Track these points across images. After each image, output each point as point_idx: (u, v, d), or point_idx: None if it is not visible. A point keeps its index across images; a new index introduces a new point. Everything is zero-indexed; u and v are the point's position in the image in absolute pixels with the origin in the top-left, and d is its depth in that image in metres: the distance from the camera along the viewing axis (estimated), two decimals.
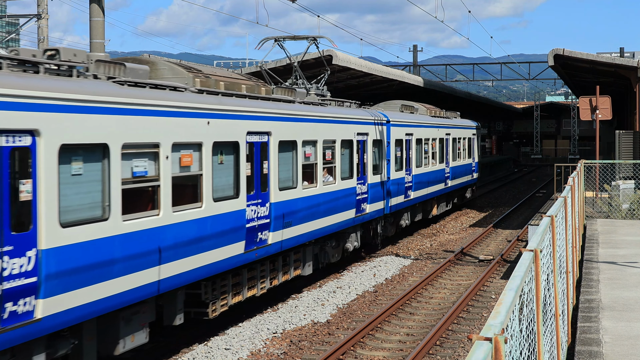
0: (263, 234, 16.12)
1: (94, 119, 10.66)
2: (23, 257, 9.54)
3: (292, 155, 17.82)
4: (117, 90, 11.29)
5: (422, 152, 30.05)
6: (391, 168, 25.55)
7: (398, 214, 27.34)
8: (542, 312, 6.40)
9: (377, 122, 24.25)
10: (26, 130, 9.49)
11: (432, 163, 31.59)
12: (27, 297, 9.57)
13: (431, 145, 31.52)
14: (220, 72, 16.56)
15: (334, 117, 20.66)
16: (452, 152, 35.48)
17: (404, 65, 65.81)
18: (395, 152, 26.35)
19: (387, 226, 26.33)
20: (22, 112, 9.46)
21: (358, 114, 22.67)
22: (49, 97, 9.86)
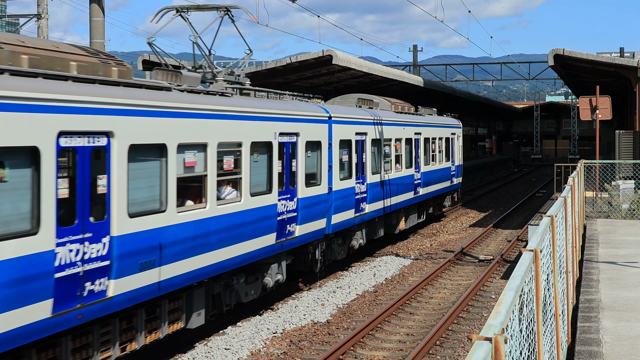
0: (96, 284, 10.98)
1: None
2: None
3: (159, 165, 12.54)
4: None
5: (381, 155, 24.95)
6: (334, 176, 20.57)
7: (347, 233, 22.39)
8: (542, 312, 6.40)
9: (311, 119, 19.02)
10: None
11: (396, 168, 26.72)
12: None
13: (394, 146, 26.56)
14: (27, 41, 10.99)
15: (239, 112, 15.26)
16: (425, 154, 30.71)
17: (404, 65, 65.83)
18: (340, 156, 21.20)
19: (333, 249, 21.42)
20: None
21: (281, 108, 17.27)
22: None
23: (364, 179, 23.15)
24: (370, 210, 23.51)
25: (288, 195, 17.50)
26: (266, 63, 34.36)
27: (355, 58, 34.64)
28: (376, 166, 24.54)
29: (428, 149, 31.22)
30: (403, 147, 27.63)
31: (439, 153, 33.17)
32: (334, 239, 21.24)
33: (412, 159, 28.93)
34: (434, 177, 32.08)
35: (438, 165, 32.86)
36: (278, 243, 16.91)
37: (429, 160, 31.32)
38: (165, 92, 13.03)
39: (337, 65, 32.64)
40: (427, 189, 30.70)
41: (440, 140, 33.47)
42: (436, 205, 33.88)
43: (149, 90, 12.65)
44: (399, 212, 27.46)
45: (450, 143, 35.47)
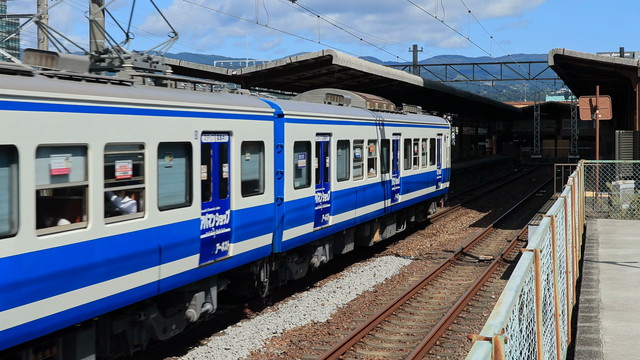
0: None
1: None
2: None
3: (7, 174, 9.61)
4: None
5: (350, 158, 21.80)
6: (286, 184, 17.60)
7: (306, 249, 19.35)
8: (542, 312, 6.40)
9: (250, 115, 15.84)
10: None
11: (369, 173, 23.47)
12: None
13: (367, 149, 23.26)
14: None
15: (141, 105, 12.29)
16: (405, 157, 27.68)
17: (404, 65, 65.83)
18: (295, 160, 18.23)
19: (288, 268, 18.59)
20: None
21: (205, 101, 14.15)
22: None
23: (327, 186, 20.05)
24: (336, 222, 20.46)
25: (217, 208, 14.34)
26: (266, 63, 34.37)
27: (355, 58, 34.64)
28: (344, 172, 21.47)
29: (409, 151, 28.25)
30: (378, 149, 24.30)
31: (422, 156, 30.02)
32: (288, 256, 18.23)
33: (390, 162, 25.65)
34: (417, 183, 29.11)
35: (421, 169, 29.82)
36: (203, 267, 13.80)
37: (410, 164, 28.31)
38: (22, 78, 10.10)
39: (337, 65, 32.64)
40: (407, 196, 27.70)
41: (424, 141, 30.42)
42: (420, 212, 31.00)
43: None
44: (373, 223, 24.39)
45: (436, 145, 32.37)
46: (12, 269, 9.49)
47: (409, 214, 29.31)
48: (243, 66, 46.92)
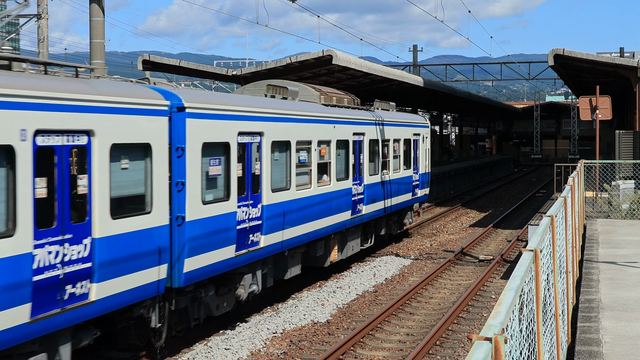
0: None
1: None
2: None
3: None
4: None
5: (291, 164, 17.83)
6: (189, 198, 13.53)
7: (228, 279, 15.48)
8: (542, 312, 6.40)
9: (124, 109, 12.06)
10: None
11: (320, 181, 19.71)
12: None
13: (318, 151, 19.50)
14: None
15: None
16: (371, 161, 23.85)
17: (404, 65, 65.84)
18: (205, 168, 14.16)
19: (200, 304, 14.63)
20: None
21: (42, 88, 10.39)
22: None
23: (256, 199, 16.02)
24: (271, 242, 16.51)
25: (67, 237, 10.64)
26: (266, 63, 34.36)
27: (355, 58, 34.63)
28: (283, 180, 17.49)
29: (377, 153, 24.29)
30: (333, 152, 20.37)
31: (394, 159, 26.19)
32: (201, 289, 14.34)
33: (350, 167, 21.59)
34: (387, 190, 25.13)
35: (393, 175, 25.84)
36: (41, 319, 10.07)
37: (378, 169, 24.33)
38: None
39: (337, 65, 32.62)
40: (374, 206, 23.72)
41: (397, 142, 26.59)
42: (393, 224, 27.20)
43: None
44: (329, 240, 20.57)
45: (412, 146, 28.51)
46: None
47: (378, 226, 25.36)
48: (243, 66, 46.93)
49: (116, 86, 12.24)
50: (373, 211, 23.69)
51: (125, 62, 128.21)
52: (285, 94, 19.20)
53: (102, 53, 21.17)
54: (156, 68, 35.06)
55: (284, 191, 17.35)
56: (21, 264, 9.77)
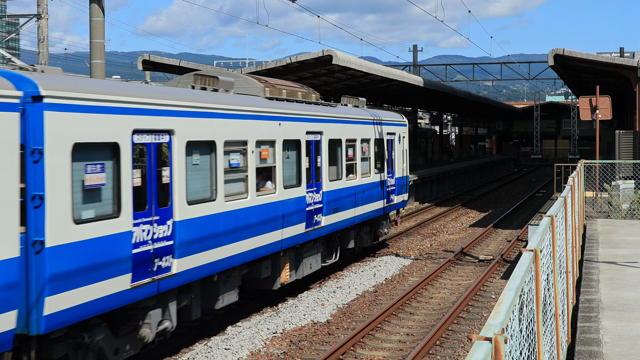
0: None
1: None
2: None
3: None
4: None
5: (217, 169, 14.36)
6: (49, 218, 10.29)
7: (129, 317, 12.34)
8: (542, 312, 6.40)
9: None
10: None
11: (262, 190, 16.40)
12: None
13: (257, 154, 16.12)
14: None
15: None
16: (333, 164, 20.78)
17: (404, 65, 65.86)
18: (79, 176, 10.95)
19: (81, 355, 11.22)
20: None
21: None
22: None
23: (165, 214, 12.64)
24: (189, 266, 13.22)
25: None
26: (266, 63, 34.38)
27: (355, 58, 34.64)
28: (206, 189, 14.14)
29: (339, 156, 21.14)
30: (279, 154, 17.13)
31: (363, 162, 23.08)
32: (87, 333, 11.15)
33: (303, 172, 18.48)
34: (354, 197, 21.98)
35: (362, 179, 22.83)
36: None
37: (341, 173, 21.14)
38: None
39: (337, 65, 32.64)
40: (338, 216, 20.58)
41: (366, 142, 23.44)
42: (364, 235, 24.08)
43: None
44: (277, 258, 17.45)
45: (386, 147, 25.38)
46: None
47: (345, 239, 22.32)
48: (243, 66, 46.88)
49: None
50: (336, 222, 20.46)
51: (125, 62, 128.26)
52: (216, 85, 15.75)
53: (102, 53, 21.18)
54: (156, 68, 35.08)
55: (206, 203, 13.90)
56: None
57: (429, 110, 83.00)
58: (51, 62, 78.35)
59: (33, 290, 10.04)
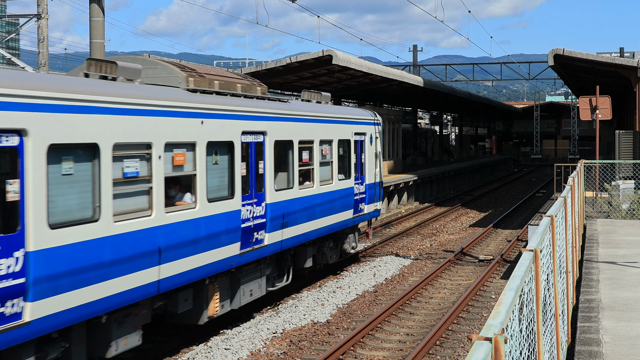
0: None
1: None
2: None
3: None
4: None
5: (101, 180, 11.14)
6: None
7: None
8: (542, 312, 6.40)
9: None
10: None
11: (179, 203, 13.46)
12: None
13: (166, 160, 12.80)
14: None
15: None
16: (282, 170, 17.72)
17: (404, 65, 65.87)
18: None
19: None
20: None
21: None
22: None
23: (13, 242, 9.55)
24: (52, 310, 10.02)
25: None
26: (266, 63, 34.39)
27: (355, 58, 34.65)
28: (88, 207, 10.97)
29: (290, 160, 17.91)
30: (201, 159, 13.78)
31: (322, 167, 19.63)
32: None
33: (238, 180, 15.07)
34: (310, 209, 18.75)
35: (321, 188, 19.40)
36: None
37: (293, 180, 17.91)
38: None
39: (337, 65, 32.64)
40: (287, 232, 17.32)
41: (328, 144, 20.05)
42: (327, 250, 20.70)
43: None
44: (203, 287, 14.21)
45: (352, 149, 21.75)
46: None
47: (300, 258, 19.19)
48: (243, 66, 46.88)
49: None
50: (286, 239, 17.21)
51: None
52: (115, 73, 12.41)
53: (102, 53, 21.19)
54: None
55: (85, 225, 10.70)
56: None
57: (429, 110, 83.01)
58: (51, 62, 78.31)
59: None
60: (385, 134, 47.04)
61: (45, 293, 9.87)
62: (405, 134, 62.12)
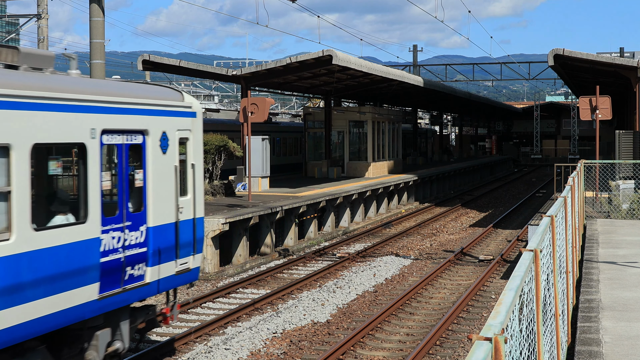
0: None
1: None
2: None
3: None
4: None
5: None
6: None
7: None
8: (542, 312, 6.40)
9: None
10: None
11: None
12: None
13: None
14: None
15: None
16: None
17: (404, 65, 65.86)
18: None
19: None
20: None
21: None
22: None
23: None
24: None
25: None
26: (266, 63, 34.37)
27: (355, 58, 34.64)
28: None
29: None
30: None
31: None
32: None
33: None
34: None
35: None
36: None
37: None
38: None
39: (337, 65, 32.63)
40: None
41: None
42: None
43: None
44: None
45: (105, 162, 11.53)
46: None
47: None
48: (243, 66, 46.84)
49: None
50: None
51: (125, 62, 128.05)
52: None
53: (102, 53, 21.18)
54: (156, 68, 35.07)
55: None
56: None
57: (429, 110, 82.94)
58: None
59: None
60: (385, 133, 47.06)
61: None
62: (405, 134, 62.12)
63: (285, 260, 24.92)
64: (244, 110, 26.86)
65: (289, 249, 26.96)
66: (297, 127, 52.00)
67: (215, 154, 30.83)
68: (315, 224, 29.97)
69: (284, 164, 49.01)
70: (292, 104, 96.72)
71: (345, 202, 32.80)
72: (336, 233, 31.23)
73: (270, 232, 25.79)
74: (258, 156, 31.81)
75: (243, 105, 27.03)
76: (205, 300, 18.70)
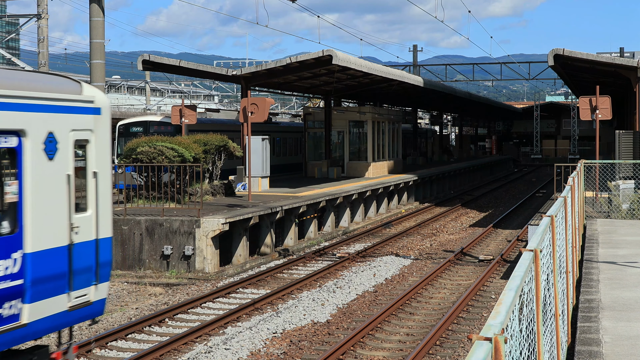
0: None
1: None
2: None
3: None
4: None
5: None
6: None
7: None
8: (542, 312, 6.40)
9: None
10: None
11: None
12: None
13: None
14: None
15: None
16: None
17: (404, 65, 65.86)
18: None
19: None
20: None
21: None
22: None
23: None
24: None
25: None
26: (266, 63, 34.37)
27: (355, 58, 34.64)
28: None
29: None
30: None
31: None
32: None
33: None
34: None
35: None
36: None
37: None
38: None
39: (337, 65, 32.63)
40: None
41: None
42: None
43: None
44: None
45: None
46: None
47: None
48: (243, 66, 46.84)
49: None
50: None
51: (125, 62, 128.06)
52: None
53: (102, 53, 21.19)
54: (156, 68, 35.07)
55: None
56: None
57: (429, 110, 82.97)
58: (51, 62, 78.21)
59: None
60: (385, 133, 47.06)
61: None
62: (405, 134, 62.10)
63: (285, 260, 24.93)
64: (244, 110, 26.87)
65: (289, 249, 26.97)
66: (297, 127, 52.01)
67: (215, 154, 30.82)
68: (315, 224, 29.98)
69: (284, 164, 49.01)
70: (292, 104, 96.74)
71: (345, 202, 32.81)
72: (336, 233, 31.24)
73: (270, 232, 25.80)
74: (258, 156, 31.82)
75: (243, 105, 27.04)
76: (205, 300, 18.74)
